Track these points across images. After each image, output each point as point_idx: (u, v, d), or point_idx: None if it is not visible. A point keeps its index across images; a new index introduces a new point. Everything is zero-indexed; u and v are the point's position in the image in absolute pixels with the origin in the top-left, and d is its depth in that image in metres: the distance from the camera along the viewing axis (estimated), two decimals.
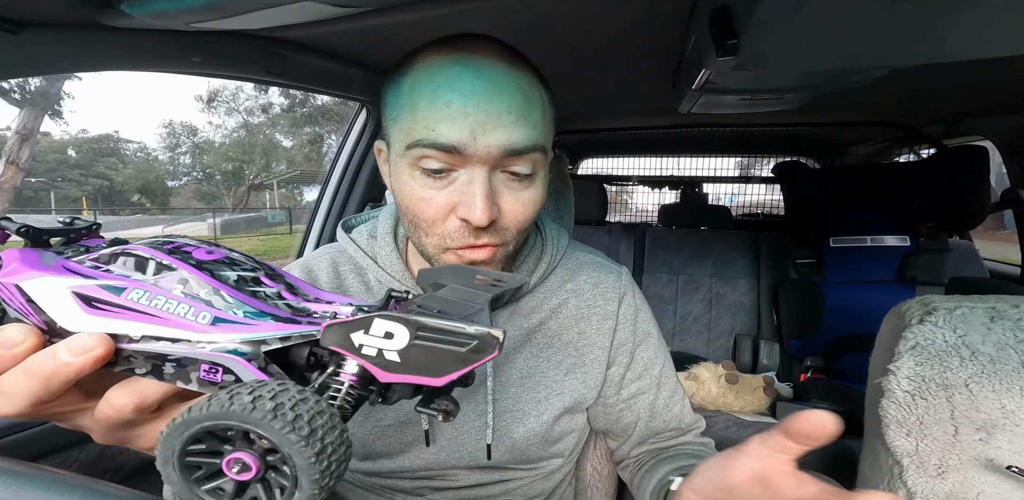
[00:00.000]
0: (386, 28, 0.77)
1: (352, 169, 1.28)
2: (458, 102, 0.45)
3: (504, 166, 0.48)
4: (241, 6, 0.53)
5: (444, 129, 0.45)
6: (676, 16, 0.76)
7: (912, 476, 0.66)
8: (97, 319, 0.26)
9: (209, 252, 0.30)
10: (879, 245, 1.61)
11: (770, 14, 0.55)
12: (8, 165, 7.57)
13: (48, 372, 0.25)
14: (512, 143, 0.46)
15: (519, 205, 0.50)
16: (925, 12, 0.53)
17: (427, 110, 0.45)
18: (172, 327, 0.26)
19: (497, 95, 0.46)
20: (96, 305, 0.26)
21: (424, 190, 0.48)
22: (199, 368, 0.26)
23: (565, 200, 1.16)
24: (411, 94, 0.47)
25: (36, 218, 3.17)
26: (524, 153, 0.47)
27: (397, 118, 0.48)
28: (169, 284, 0.27)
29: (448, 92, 0.45)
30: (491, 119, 0.45)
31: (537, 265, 0.62)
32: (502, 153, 0.46)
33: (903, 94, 1.29)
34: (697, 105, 1.07)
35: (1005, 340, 0.61)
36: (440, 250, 0.50)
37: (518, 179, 0.49)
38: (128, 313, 0.26)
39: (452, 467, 0.60)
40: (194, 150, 23.33)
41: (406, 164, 0.48)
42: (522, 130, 0.46)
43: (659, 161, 2.98)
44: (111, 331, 0.26)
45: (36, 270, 0.26)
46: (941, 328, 0.64)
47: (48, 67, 0.60)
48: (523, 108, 0.47)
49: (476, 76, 0.46)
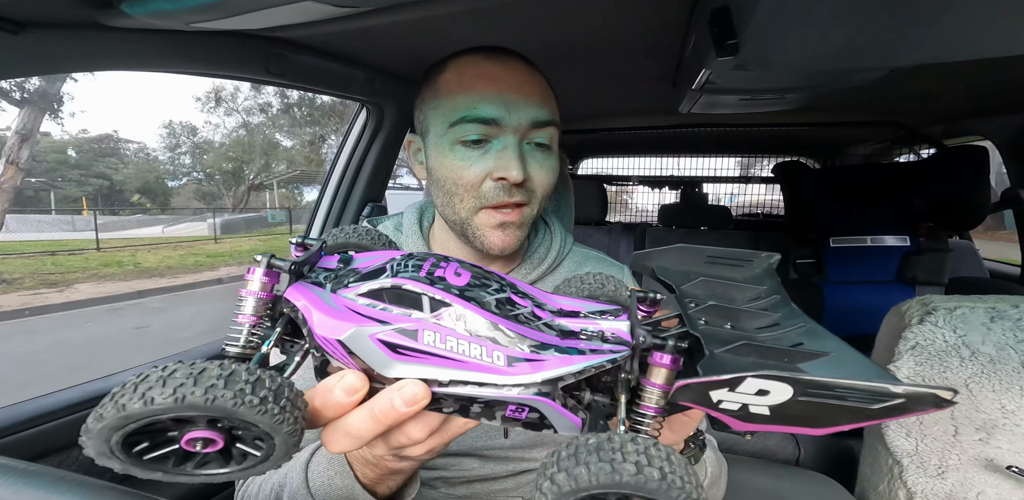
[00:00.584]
0: (386, 28, 0.77)
1: (352, 169, 1.28)
2: (493, 86, 0.57)
3: (530, 138, 0.59)
4: (241, 6, 0.53)
5: (484, 106, 0.56)
6: (676, 16, 0.76)
7: (912, 476, 0.66)
8: (404, 365, 0.27)
9: (457, 274, 0.31)
10: (879, 245, 1.61)
11: (770, 14, 0.55)
12: (8, 165, 7.56)
13: (390, 419, 0.28)
14: (538, 116, 0.58)
15: (543, 171, 0.60)
16: (925, 12, 0.53)
17: (468, 93, 0.57)
18: (475, 371, 0.27)
19: (523, 83, 0.58)
20: (399, 351, 0.27)
21: (464, 159, 0.57)
22: (506, 408, 0.28)
23: (565, 200, 1.16)
24: (450, 85, 0.58)
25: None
26: (546, 125, 0.59)
27: (438, 105, 0.59)
28: (450, 322, 0.28)
29: (484, 80, 0.57)
30: (519, 99, 0.57)
31: (547, 255, 0.69)
32: (530, 124, 0.57)
33: (903, 94, 1.29)
34: (697, 105, 1.07)
35: (1005, 340, 0.61)
36: (474, 210, 0.59)
37: (541, 149, 0.60)
38: (429, 358, 0.27)
39: (468, 450, 0.60)
40: (194, 150, 23.33)
41: (448, 141, 0.58)
42: (543, 108, 0.58)
43: (659, 161, 2.98)
44: (422, 377, 0.27)
45: (342, 320, 0.27)
46: (941, 328, 0.64)
47: (48, 67, 0.60)
48: (542, 94, 0.59)
49: (504, 69, 0.58)
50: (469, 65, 0.59)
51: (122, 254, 11.17)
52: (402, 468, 0.39)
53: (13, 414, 0.71)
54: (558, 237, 0.71)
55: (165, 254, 11.37)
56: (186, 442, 0.23)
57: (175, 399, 0.21)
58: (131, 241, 13.18)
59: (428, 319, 0.28)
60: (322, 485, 0.43)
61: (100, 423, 0.21)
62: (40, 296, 7.10)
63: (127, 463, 0.23)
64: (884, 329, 0.72)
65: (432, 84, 0.61)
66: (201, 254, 11.27)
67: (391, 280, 0.29)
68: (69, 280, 8.27)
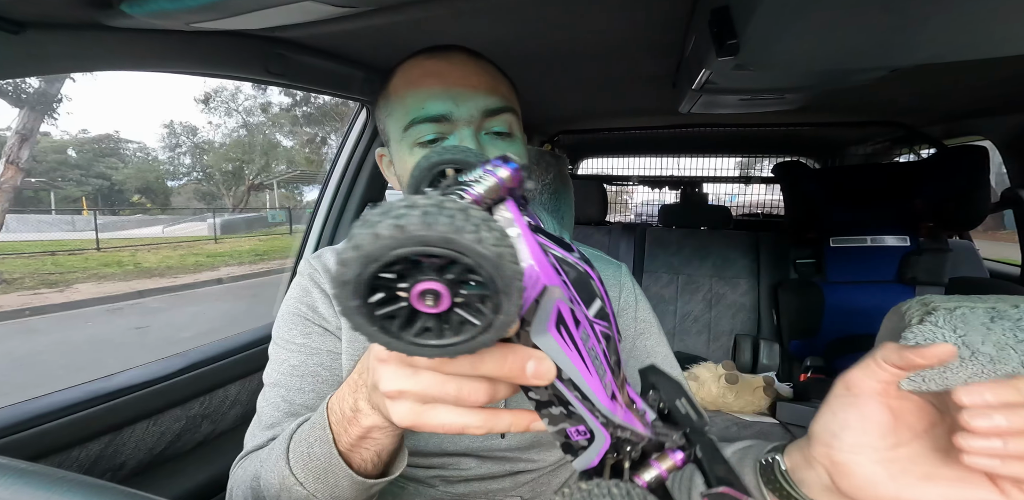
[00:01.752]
0: (386, 28, 0.77)
1: (352, 169, 1.28)
2: (438, 82, 0.55)
3: (486, 128, 0.57)
4: (241, 6, 0.53)
5: (432, 104, 0.55)
6: (676, 16, 0.76)
7: None
8: (553, 342, 0.25)
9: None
10: (879, 245, 1.61)
11: (770, 14, 0.55)
12: (8, 165, 7.56)
13: (505, 375, 0.26)
14: (488, 104, 0.56)
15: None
16: (925, 12, 0.53)
17: (415, 95, 0.55)
18: (591, 386, 0.26)
19: (468, 74, 0.56)
20: (559, 328, 0.25)
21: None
22: (576, 426, 0.28)
23: (565, 200, 1.16)
24: (399, 91, 0.57)
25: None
26: (500, 113, 0.56)
27: (391, 112, 0.58)
28: (587, 329, 0.27)
29: (428, 78, 0.56)
30: (467, 91, 0.55)
31: None
32: (482, 114, 0.55)
33: (903, 94, 1.29)
34: (697, 105, 1.07)
35: (1005, 340, 0.61)
36: None
37: (500, 137, 0.57)
38: (573, 351, 0.26)
39: (465, 450, 0.60)
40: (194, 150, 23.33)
41: (406, 145, 0.57)
42: (493, 96, 0.56)
43: (659, 161, 2.98)
44: (557, 361, 0.26)
45: (550, 271, 0.26)
46: (941, 328, 0.64)
47: (48, 67, 0.60)
48: (491, 83, 0.57)
49: (448, 63, 0.57)
50: (413, 66, 0.58)
51: (122, 254, 11.17)
52: (370, 429, 0.38)
53: (13, 414, 0.71)
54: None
55: (165, 254, 11.36)
56: (416, 297, 0.21)
57: (432, 230, 0.19)
58: (131, 241, 13.17)
59: (589, 319, 0.28)
60: (301, 455, 0.42)
61: (353, 267, 0.20)
62: (40, 296, 7.10)
63: (366, 317, 0.21)
64: (884, 329, 0.72)
65: (384, 92, 0.60)
66: (201, 254, 11.26)
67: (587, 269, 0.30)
68: (69, 280, 8.27)
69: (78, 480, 0.23)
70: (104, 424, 0.80)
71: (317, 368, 0.58)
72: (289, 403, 0.57)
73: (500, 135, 0.58)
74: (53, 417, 0.73)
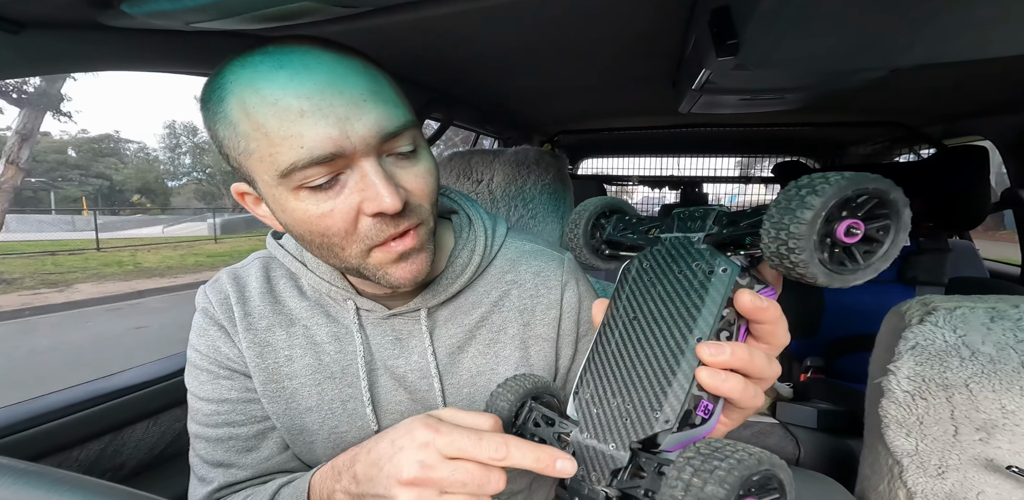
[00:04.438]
0: (386, 28, 0.77)
1: None
2: (309, 107, 0.40)
3: (387, 150, 0.45)
4: (241, 6, 0.53)
5: (313, 141, 0.40)
6: (676, 16, 0.76)
7: (912, 476, 0.66)
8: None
9: None
10: None
11: (770, 14, 0.55)
12: (8, 165, 7.56)
13: (530, 467, 0.33)
14: (384, 127, 0.43)
15: (419, 179, 0.47)
16: (925, 12, 0.53)
17: (281, 128, 0.40)
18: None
19: (343, 84, 0.42)
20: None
21: (320, 206, 0.44)
22: (710, 403, 0.31)
23: (565, 200, 1.16)
24: (250, 118, 0.41)
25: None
26: (400, 132, 0.45)
27: (250, 149, 0.43)
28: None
29: (293, 100, 0.40)
30: (351, 110, 0.42)
31: (471, 258, 0.59)
32: (379, 139, 0.43)
33: (903, 94, 1.29)
34: (697, 105, 1.07)
35: (1005, 340, 0.61)
36: (364, 253, 0.47)
37: (405, 157, 0.47)
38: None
39: None
40: (194, 150, 23.32)
41: (287, 190, 0.44)
42: (387, 111, 0.44)
43: (659, 161, 2.98)
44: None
45: None
46: (941, 328, 0.64)
47: (48, 67, 0.60)
48: (376, 90, 0.44)
49: (311, 72, 0.41)
50: (263, 84, 0.41)
51: (122, 254, 11.17)
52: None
53: (13, 414, 0.71)
54: (484, 236, 0.60)
55: (165, 254, 11.36)
56: (844, 233, 0.27)
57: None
58: (131, 241, 13.17)
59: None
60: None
61: (810, 214, 0.25)
62: (40, 296, 7.10)
63: (827, 252, 0.27)
64: (884, 329, 0.72)
65: (221, 119, 0.43)
66: (201, 254, 11.26)
67: None
68: (69, 280, 8.27)
69: (78, 480, 0.23)
70: (104, 424, 0.80)
71: (231, 416, 0.57)
72: (211, 455, 0.56)
73: (404, 155, 0.47)
74: (53, 417, 0.73)
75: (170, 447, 0.91)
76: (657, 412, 0.30)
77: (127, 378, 0.87)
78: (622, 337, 0.33)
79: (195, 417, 0.58)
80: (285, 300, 0.59)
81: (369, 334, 0.58)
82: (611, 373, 0.33)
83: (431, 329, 0.58)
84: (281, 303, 0.59)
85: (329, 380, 0.57)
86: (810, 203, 0.25)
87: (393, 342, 0.57)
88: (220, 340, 0.57)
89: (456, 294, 0.59)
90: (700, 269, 0.32)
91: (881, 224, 0.28)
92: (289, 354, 0.57)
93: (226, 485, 0.56)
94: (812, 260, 0.26)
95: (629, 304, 0.34)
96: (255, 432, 0.57)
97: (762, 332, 0.33)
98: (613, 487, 0.30)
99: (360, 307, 0.57)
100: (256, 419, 0.57)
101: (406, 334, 0.58)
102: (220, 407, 0.56)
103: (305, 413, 0.56)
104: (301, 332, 0.58)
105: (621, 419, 0.31)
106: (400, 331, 0.58)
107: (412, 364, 0.57)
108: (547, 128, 2.01)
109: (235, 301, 0.58)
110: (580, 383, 0.35)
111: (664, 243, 0.34)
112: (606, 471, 0.31)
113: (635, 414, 0.30)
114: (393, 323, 0.58)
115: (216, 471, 0.56)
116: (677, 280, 0.32)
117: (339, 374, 0.57)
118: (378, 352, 0.57)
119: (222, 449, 0.56)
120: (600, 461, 0.31)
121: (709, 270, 0.31)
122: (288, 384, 0.57)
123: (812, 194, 0.26)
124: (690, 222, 0.34)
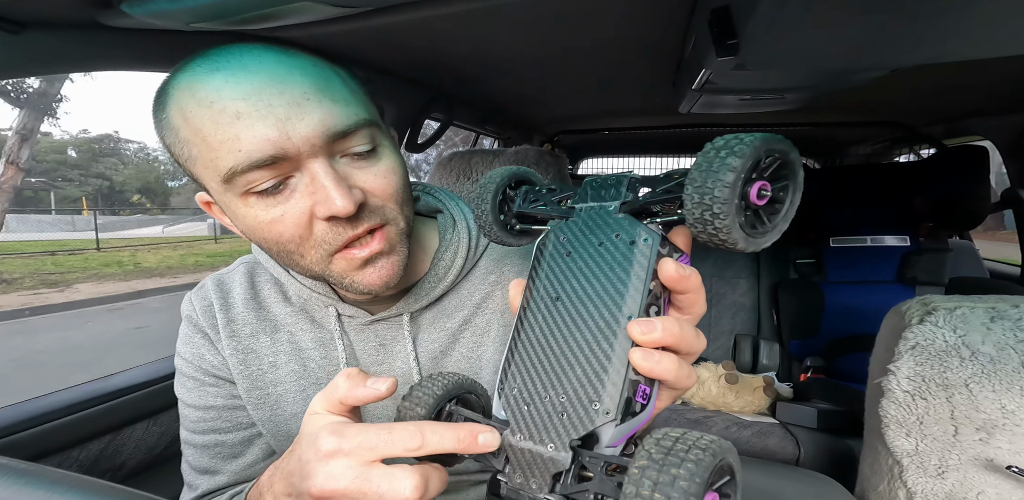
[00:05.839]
0: (386, 28, 0.77)
1: None
2: (246, 108, 0.38)
3: (340, 151, 0.43)
4: (241, 6, 0.53)
5: (250, 143, 0.39)
6: (676, 16, 0.76)
7: (912, 476, 0.66)
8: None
9: None
10: (879, 245, 1.61)
11: (770, 14, 0.55)
12: (8, 165, 7.56)
13: (464, 449, 0.31)
14: (330, 126, 0.41)
15: (379, 178, 0.45)
16: (925, 12, 0.53)
17: (218, 131, 0.39)
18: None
19: (284, 84, 0.40)
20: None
21: (269, 211, 0.42)
22: (648, 387, 0.30)
23: None
24: (188, 123, 0.40)
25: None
26: (350, 132, 0.42)
27: (192, 156, 0.41)
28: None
29: (228, 102, 0.38)
30: (292, 110, 0.39)
31: (454, 260, 0.57)
32: (325, 139, 0.41)
33: (903, 94, 1.29)
34: (697, 105, 1.07)
35: (1005, 340, 0.61)
36: (326, 260, 0.45)
37: (363, 157, 0.44)
38: None
39: None
40: None
41: (234, 197, 0.42)
42: (335, 109, 0.41)
43: (659, 161, 2.98)
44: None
45: None
46: (941, 328, 0.64)
47: (48, 67, 0.60)
48: (322, 88, 0.41)
49: (248, 73, 0.39)
50: (199, 87, 0.39)
51: (122, 254, 11.17)
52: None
53: (13, 414, 0.71)
54: (467, 238, 0.58)
55: (165, 254, 11.37)
56: (756, 195, 0.27)
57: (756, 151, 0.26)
58: (131, 241, 13.18)
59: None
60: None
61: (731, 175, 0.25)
62: (40, 296, 7.10)
63: (743, 215, 0.27)
64: (884, 329, 0.72)
65: (166, 126, 0.42)
66: (201, 254, 11.28)
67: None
68: (69, 280, 8.27)
69: (78, 480, 0.23)
70: (104, 424, 0.80)
71: (216, 423, 0.57)
72: (198, 462, 0.57)
73: (361, 155, 0.44)
74: (53, 417, 0.73)
75: (170, 447, 0.91)
76: (596, 403, 0.27)
77: (127, 378, 0.87)
78: (546, 321, 0.30)
79: (184, 423, 0.58)
80: (270, 306, 0.59)
81: (353, 340, 0.57)
82: (538, 363, 0.29)
83: (414, 334, 0.56)
84: (265, 309, 0.59)
85: (314, 386, 0.56)
86: (731, 164, 0.25)
87: (377, 348, 0.57)
88: (204, 348, 0.57)
89: (440, 297, 0.57)
90: (621, 240, 0.29)
91: (782, 184, 0.29)
92: (273, 360, 0.57)
93: (208, 492, 0.56)
94: (734, 225, 0.25)
95: (549, 283, 0.31)
96: (241, 439, 0.57)
97: (685, 302, 0.31)
98: (556, 493, 0.27)
99: (342, 313, 0.56)
100: (242, 426, 0.57)
101: (390, 339, 0.57)
102: (206, 414, 0.57)
103: (291, 419, 0.56)
104: (286, 338, 0.57)
105: (556, 415, 0.28)
106: (384, 336, 0.57)
107: (396, 370, 0.57)
108: (547, 128, 2.01)
109: (218, 308, 0.58)
110: (504, 378, 0.31)
111: (579, 214, 0.32)
112: (547, 476, 0.27)
113: (571, 408, 0.27)
114: (376, 329, 0.57)
115: (202, 478, 0.57)
116: (598, 253, 0.30)
117: (324, 380, 0.56)
118: (362, 358, 0.57)
119: (208, 456, 0.57)
120: (538, 465, 0.28)
121: (630, 240, 0.29)
122: (272, 390, 0.56)
123: (732, 155, 0.25)
124: (603, 190, 0.32)
